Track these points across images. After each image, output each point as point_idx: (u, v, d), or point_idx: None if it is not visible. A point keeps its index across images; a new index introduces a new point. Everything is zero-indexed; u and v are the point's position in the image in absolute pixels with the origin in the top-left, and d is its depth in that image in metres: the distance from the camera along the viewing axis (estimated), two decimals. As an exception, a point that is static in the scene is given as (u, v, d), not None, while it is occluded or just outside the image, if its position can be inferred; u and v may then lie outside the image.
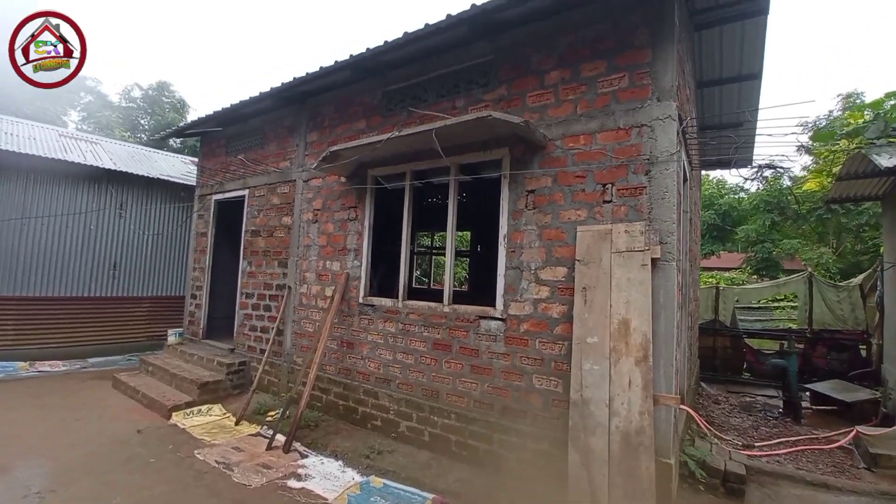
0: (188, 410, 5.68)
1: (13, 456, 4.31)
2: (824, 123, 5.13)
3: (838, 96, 10.34)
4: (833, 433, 5.28)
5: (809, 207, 12.01)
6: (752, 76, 5.75)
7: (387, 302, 5.04)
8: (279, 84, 5.87)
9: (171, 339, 7.49)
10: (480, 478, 3.93)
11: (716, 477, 3.67)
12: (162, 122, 23.96)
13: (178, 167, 10.72)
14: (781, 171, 4.68)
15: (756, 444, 4.99)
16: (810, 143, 5.26)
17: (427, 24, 4.36)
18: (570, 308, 3.77)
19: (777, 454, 4.70)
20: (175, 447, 4.70)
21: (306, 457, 4.57)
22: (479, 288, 10.30)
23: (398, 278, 5.01)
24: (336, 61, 5.14)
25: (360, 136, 5.49)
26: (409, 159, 4.95)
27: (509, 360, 4.07)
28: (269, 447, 4.71)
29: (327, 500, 3.75)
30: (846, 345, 7.38)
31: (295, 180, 6.28)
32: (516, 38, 4.32)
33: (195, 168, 11.39)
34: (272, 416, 5.51)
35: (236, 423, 5.40)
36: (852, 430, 4.77)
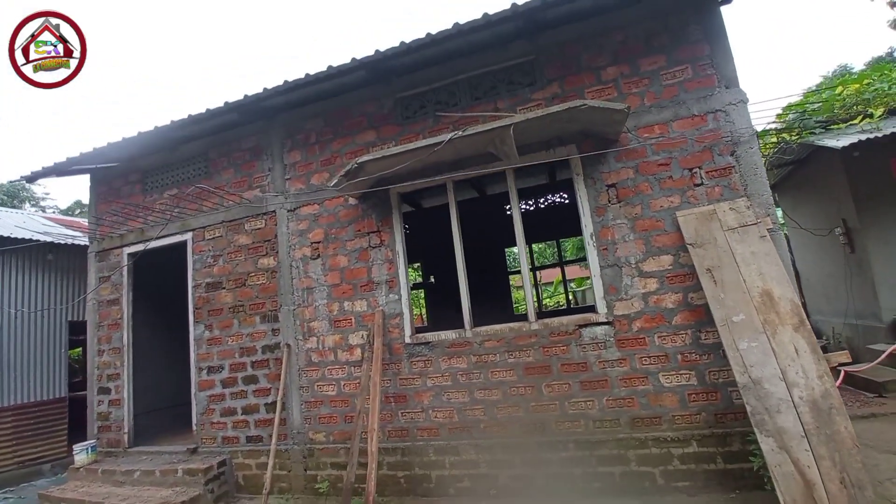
0: (165, 551, 3.89)
1: None
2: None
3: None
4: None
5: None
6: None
7: (449, 335, 4.28)
8: (241, 97, 4.79)
9: (81, 457, 5.16)
10: (636, 504, 3.45)
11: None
12: None
13: (31, 225, 7.89)
14: None
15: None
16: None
17: (457, 24, 4.07)
18: (686, 295, 3.69)
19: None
20: None
21: (398, 555, 3.46)
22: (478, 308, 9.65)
23: (461, 305, 4.31)
24: (330, 66, 4.43)
25: (369, 150, 4.75)
26: (451, 169, 4.42)
27: (627, 365, 3.76)
28: (339, 559, 3.45)
29: None
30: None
31: (274, 211, 5.08)
32: (559, 38, 4.28)
33: (60, 227, 8.65)
34: (302, 519, 4.11)
35: (253, 546, 3.87)
36: (841, 373, 5.61)
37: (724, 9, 3.96)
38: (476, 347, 4.17)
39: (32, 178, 5.98)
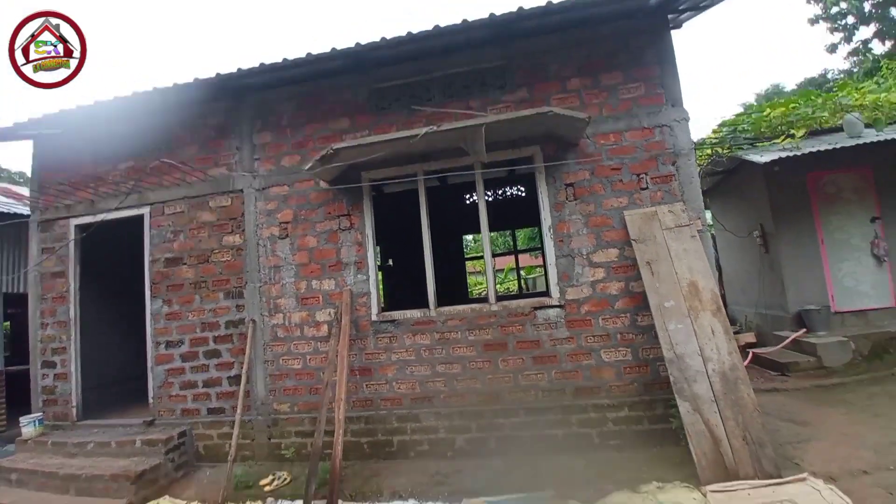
0: (128, 518, 3.94)
1: None
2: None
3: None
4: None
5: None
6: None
7: (414, 313, 4.57)
8: (213, 76, 4.75)
9: (28, 429, 4.95)
10: (575, 460, 3.96)
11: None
12: None
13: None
14: None
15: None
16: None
17: (437, 26, 4.31)
18: (628, 284, 4.22)
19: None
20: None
21: (365, 512, 3.76)
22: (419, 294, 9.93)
23: (426, 287, 4.61)
24: (309, 53, 4.52)
25: (341, 136, 4.89)
26: (422, 160, 4.67)
27: (574, 343, 4.25)
28: (308, 518, 3.69)
29: (451, 539, 3.22)
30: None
31: (242, 190, 5.08)
32: (531, 48, 4.61)
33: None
34: (267, 483, 4.29)
35: (220, 510, 4.01)
36: (749, 354, 6.54)
37: (674, 34, 4.48)
38: (439, 326, 4.50)
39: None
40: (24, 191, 10.14)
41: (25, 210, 6.80)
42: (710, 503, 3.16)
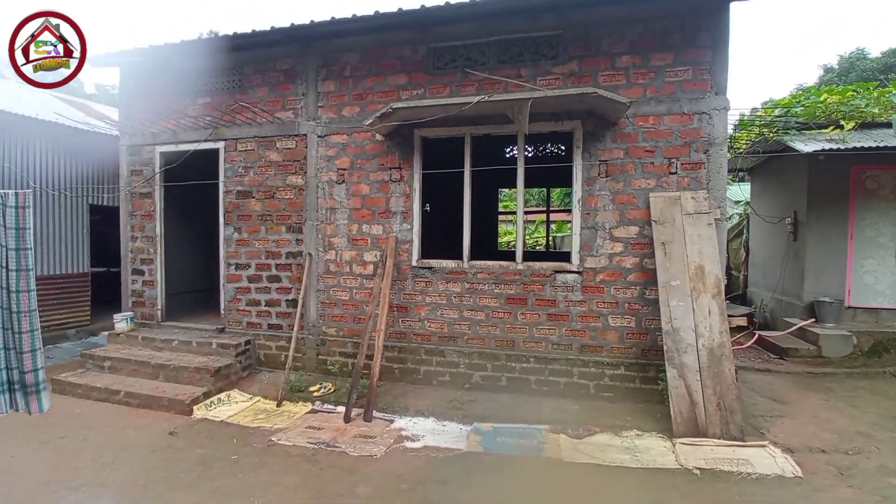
0: (208, 402, 4.99)
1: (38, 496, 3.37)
2: (748, 115, 6.95)
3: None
4: (734, 338, 7.53)
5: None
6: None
7: (449, 263, 5.20)
8: (288, 25, 5.13)
9: (121, 325, 6.09)
10: (571, 405, 4.68)
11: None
12: None
13: (48, 104, 8.05)
14: None
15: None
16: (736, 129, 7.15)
17: None
18: (642, 260, 4.66)
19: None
20: (241, 440, 4.23)
21: (392, 421, 4.61)
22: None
23: (461, 239, 5.19)
24: (377, 11, 4.79)
25: (398, 92, 5.29)
26: (470, 122, 5.03)
27: (586, 307, 4.81)
28: (348, 419, 4.60)
29: (461, 449, 4.02)
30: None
31: (306, 135, 5.63)
32: (586, 19, 4.74)
33: (78, 111, 8.82)
34: (315, 390, 5.25)
35: (278, 405, 5.00)
36: (755, 335, 6.95)
37: (733, 10, 4.44)
38: (470, 277, 5.12)
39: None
40: (101, 108, 11.03)
41: (106, 129, 7.58)
42: (677, 452, 3.81)
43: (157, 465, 3.79)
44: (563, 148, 9.77)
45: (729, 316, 7.85)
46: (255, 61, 5.80)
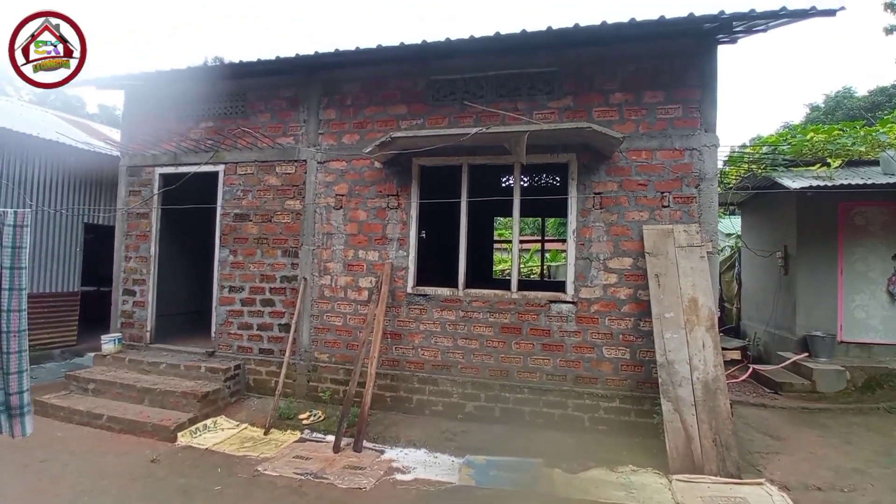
0: (193, 428, 4.85)
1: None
2: (737, 150, 7.16)
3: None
4: (728, 371, 7.49)
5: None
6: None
7: (444, 291, 5.19)
8: (293, 55, 5.29)
9: (108, 346, 5.97)
10: (566, 438, 4.60)
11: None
12: None
13: (54, 125, 8.14)
14: None
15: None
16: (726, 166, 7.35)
17: (497, 33, 4.65)
18: (636, 291, 4.68)
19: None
20: (225, 469, 4.10)
21: (383, 452, 4.50)
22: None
23: (457, 267, 5.21)
24: (380, 45, 4.96)
25: (398, 121, 5.41)
26: (468, 153, 5.14)
27: (580, 337, 4.79)
28: (338, 449, 4.49)
29: (453, 482, 3.92)
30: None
31: (305, 160, 5.72)
32: (581, 57, 4.94)
33: (79, 131, 8.91)
34: (305, 418, 5.13)
35: (266, 433, 4.88)
36: (749, 369, 6.92)
37: (723, 48, 4.65)
38: (465, 304, 5.11)
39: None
40: (103, 127, 11.17)
41: (106, 149, 7.63)
42: (674, 489, 3.74)
43: (136, 493, 3.66)
44: (558, 179, 9.95)
45: (723, 349, 7.87)
46: (259, 88, 5.95)
